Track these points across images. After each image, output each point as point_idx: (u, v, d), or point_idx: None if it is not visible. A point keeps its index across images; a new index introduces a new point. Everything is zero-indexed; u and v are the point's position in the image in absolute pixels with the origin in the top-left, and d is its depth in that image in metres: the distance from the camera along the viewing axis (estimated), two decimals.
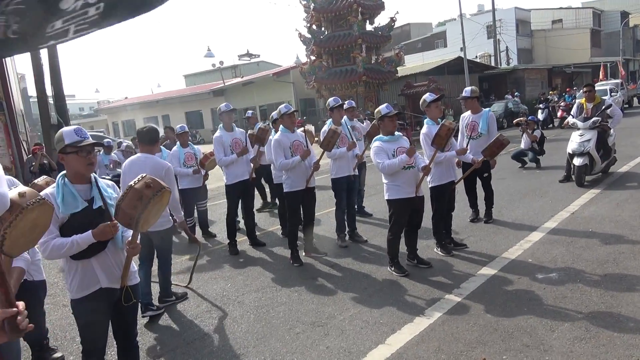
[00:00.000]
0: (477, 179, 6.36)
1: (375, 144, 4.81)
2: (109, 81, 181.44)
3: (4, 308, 1.43)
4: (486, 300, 4.01)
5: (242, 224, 6.91)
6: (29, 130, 20.69)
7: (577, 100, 9.40)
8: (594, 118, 7.87)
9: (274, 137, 5.53)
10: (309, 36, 22.32)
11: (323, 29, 22.60)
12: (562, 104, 20.97)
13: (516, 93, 26.81)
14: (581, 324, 3.42)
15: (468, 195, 6.55)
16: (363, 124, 7.19)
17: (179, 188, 6.93)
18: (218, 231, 7.43)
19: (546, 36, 43.91)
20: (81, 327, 2.70)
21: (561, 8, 47.47)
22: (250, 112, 9.77)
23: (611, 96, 20.18)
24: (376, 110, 4.95)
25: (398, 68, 23.54)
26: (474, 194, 6.55)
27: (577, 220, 6.05)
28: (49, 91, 12.47)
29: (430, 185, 5.36)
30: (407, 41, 47.02)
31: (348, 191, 6.10)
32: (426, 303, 4.09)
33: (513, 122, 14.88)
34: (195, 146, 7.28)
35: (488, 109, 6.43)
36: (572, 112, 8.42)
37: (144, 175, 2.58)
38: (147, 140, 4.41)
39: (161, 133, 8.24)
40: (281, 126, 5.54)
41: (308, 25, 22.42)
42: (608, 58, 37.04)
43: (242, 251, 6.29)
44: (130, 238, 2.58)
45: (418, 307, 4.01)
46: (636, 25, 48.55)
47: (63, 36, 1.52)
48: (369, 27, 22.46)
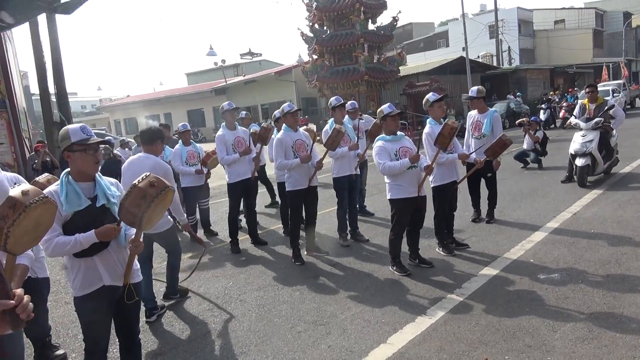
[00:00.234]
0: (481, 179, 6.36)
1: (377, 144, 4.80)
2: (111, 79, 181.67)
3: (2, 300, 1.43)
4: (488, 300, 4.01)
5: (244, 223, 6.92)
6: (32, 127, 20.69)
7: (580, 100, 9.37)
8: (597, 119, 7.86)
9: (277, 136, 5.53)
10: (311, 35, 22.33)
11: (325, 28, 22.60)
12: (565, 105, 20.93)
13: (518, 93, 26.76)
14: (583, 325, 3.42)
15: (471, 195, 6.54)
16: (362, 119, 7.14)
17: (181, 186, 6.96)
18: (220, 230, 7.44)
19: (548, 36, 43.81)
20: (84, 325, 2.71)
21: (564, 8, 47.36)
22: (244, 113, 9.32)
23: (613, 97, 20.14)
24: (379, 109, 4.95)
25: (400, 67, 23.56)
26: (478, 194, 6.54)
27: (579, 220, 6.04)
28: (52, 89, 12.48)
29: (432, 184, 5.35)
30: (409, 41, 46.99)
31: (350, 190, 6.10)
32: (428, 303, 4.09)
33: (515, 123, 14.86)
34: (197, 144, 7.29)
35: (494, 110, 6.36)
36: (575, 113, 8.42)
37: (148, 174, 2.58)
38: (146, 139, 4.41)
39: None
40: (284, 125, 5.54)
41: (310, 24, 22.43)
42: (610, 59, 36.95)
43: (244, 250, 6.30)
44: (133, 236, 2.58)
45: (420, 307, 4.01)
46: (639, 25, 48.40)
47: None
48: (371, 27, 22.46)
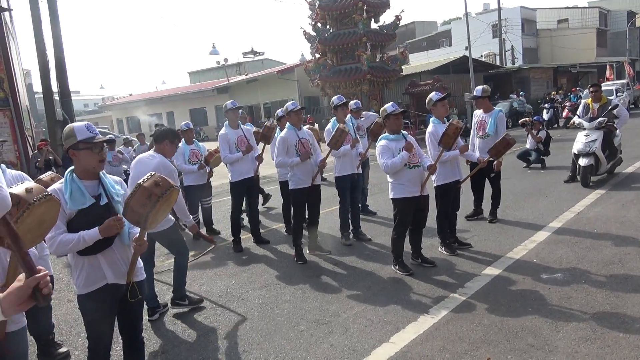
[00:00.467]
0: (486, 179, 6.35)
1: (380, 143, 4.79)
2: (114, 78, 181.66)
3: (30, 275, 1.49)
4: (491, 299, 4.00)
5: (247, 222, 6.92)
6: (34, 126, 20.77)
7: (583, 100, 9.34)
8: (600, 118, 7.84)
9: (280, 134, 5.53)
10: (314, 34, 22.28)
11: (328, 27, 22.56)
12: (568, 104, 20.87)
13: (521, 92, 26.69)
14: (586, 325, 3.41)
15: (474, 193, 6.53)
16: (362, 118, 7.13)
17: (184, 185, 6.96)
18: (222, 228, 7.45)
19: (552, 35, 43.65)
20: (87, 323, 2.72)
21: (567, 7, 47.18)
22: (239, 112, 9.28)
23: (617, 96, 20.08)
24: (382, 108, 4.94)
25: (403, 67, 23.49)
26: (481, 194, 6.53)
27: (582, 220, 6.03)
28: (55, 87, 12.51)
29: (435, 184, 5.34)
30: (412, 40, 46.85)
31: (352, 189, 6.10)
32: (430, 302, 4.09)
33: (518, 123, 14.83)
34: (199, 143, 7.30)
35: (499, 109, 6.32)
36: (578, 112, 8.40)
37: (153, 173, 2.60)
38: (155, 138, 4.46)
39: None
40: (288, 123, 5.55)
41: (313, 23, 22.38)
42: (614, 58, 36.79)
43: (246, 248, 6.31)
44: (137, 235, 2.59)
45: (422, 306, 4.01)
46: None
47: None
48: (374, 26, 22.41)
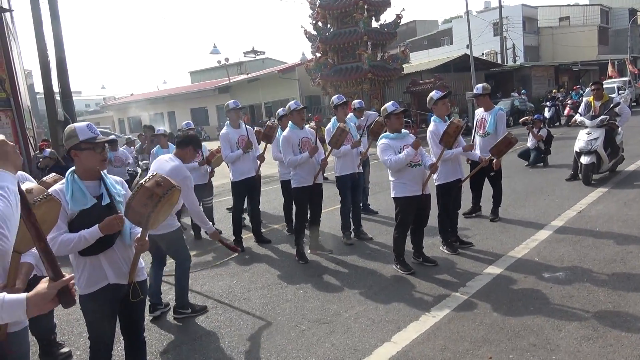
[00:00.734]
0: (485, 178, 6.34)
1: (381, 141, 4.79)
2: (115, 78, 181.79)
3: (56, 279, 1.51)
4: (492, 298, 4.00)
5: (248, 221, 6.92)
6: (36, 126, 20.79)
7: (585, 98, 9.32)
8: (602, 116, 7.82)
9: (283, 134, 5.53)
10: (315, 33, 22.28)
11: (329, 26, 22.56)
12: (569, 102, 20.83)
13: (522, 91, 26.63)
14: (588, 324, 3.40)
15: (473, 192, 6.53)
16: (362, 117, 7.14)
17: None
18: (223, 228, 7.45)
19: (553, 33, 43.54)
20: (89, 323, 2.72)
21: (568, 5, 47.05)
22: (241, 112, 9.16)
23: (619, 94, 20.02)
24: (382, 107, 4.94)
25: (404, 65, 23.47)
26: (479, 193, 6.53)
27: (584, 219, 6.01)
28: (56, 87, 12.52)
29: (436, 183, 5.34)
30: (413, 38, 46.82)
31: (353, 189, 6.10)
32: (432, 301, 4.08)
33: (519, 121, 14.80)
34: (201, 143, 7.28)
35: (499, 107, 6.30)
36: (580, 110, 8.38)
37: (155, 173, 2.61)
38: (180, 142, 4.30)
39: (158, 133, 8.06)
40: (290, 122, 5.55)
41: (314, 22, 22.38)
42: (615, 55, 36.67)
43: (248, 248, 6.31)
44: (139, 235, 2.59)
45: (424, 305, 4.01)
46: None
47: None
48: (375, 24, 22.40)
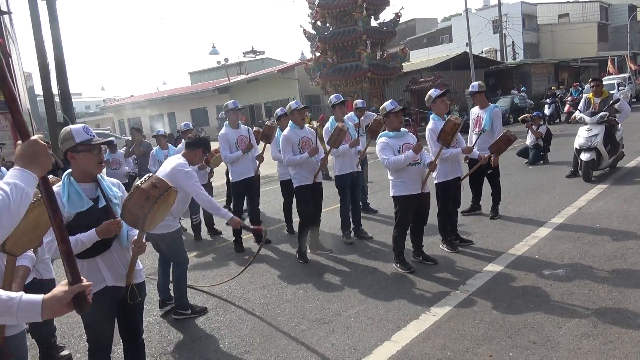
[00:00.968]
0: (484, 176, 6.32)
1: (380, 140, 4.78)
2: (115, 79, 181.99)
3: (74, 283, 1.48)
4: (492, 296, 3.99)
5: (248, 222, 6.91)
6: (36, 129, 20.80)
7: (585, 94, 9.30)
8: (602, 113, 7.80)
9: (283, 133, 5.54)
10: (314, 32, 22.26)
11: (328, 25, 22.53)
12: (569, 99, 20.80)
13: (522, 88, 26.60)
14: (588, 321, 3.39)
15: (472, 190, 6.53)
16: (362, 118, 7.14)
17: None
18: (223, 229, 7.44)
19: (553, 30, 43.50)
20: (87, 325, 2.71)
21: (568, 2, 46.95)
22: (222, 113, 9.12)
23: (619, 90, 20.00)
24: (381, 106, 4.93)
25: (403, 64, 23.42)
26: (478, 191, 6.52)
27: (584, 215, 6.00)
28: (55, 90, 12.53)
29: (435, 181, 5.33)
30: (412, 37, 46.77)
31: (352, 187, 6.09)
32: (432, 300, 4.08)
33: (519, 119, 14.78)
34: None
35: (494, 105, 6.33)
36: (580, 107, 8.36)
37: (151, 174, 2.61)
38: (191, 143, 4.26)
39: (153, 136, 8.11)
40: (290, 122, 5.56)
41: (312, 21, 22.35)
42: (615, 52, 36.62)
43: (248, 248, 6.31)
44: (136, 237, 2.59)
45: (424, 304, 4.00)
46: None
47: None
48: (374, 23, 22.37)
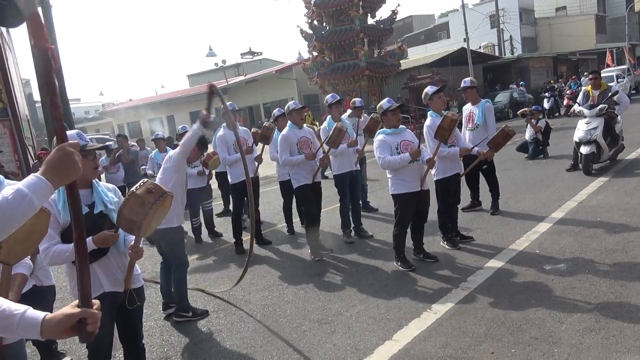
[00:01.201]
0: (479, 172, 6.31)
1: (378, 137, 4.76)
2: (114, 84, 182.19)
3: (83, 304, 1.39)
4: (494, 293, 3.97)
5: (248, 223, 6.91)
6: (36, 135, 20.82)
7: (583, 87, 9.27)
8: (601, 105, 7.78)
9: (282, 133, 5.54)
10: (311, 32, 22.24)
11: (324, 24, 22.50)
12: (568, 92, 20.76)
13: (521, 82, 26.57)
14: (590, 315, 3.37)
15: (469, 187, 6.52)
16: (361, 119, 7.14)
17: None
18: (224, 230, 7.44)
19: (550, 24, 43.38)
20: None
21: None
22: (212, 117, 9.14)
23: (618, 82, 19.95)
24: (378, 105, 4.92)
25: (401, 61, 23.44)
26: (475, 187, 6.52)
27: (585, 209, 5.98)
28: None
29: (435, 178, 5.31)
30: (410, 33, 46.70)
31: (352, 186, 6.08)
32: (433, 297, 4.06)
33: (518, 113, 14.75)
34: None
35: (485, 100, 6.36)
36: (578, 100, 8.33)
37: (146, 180, 2.60)
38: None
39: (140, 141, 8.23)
40: (289, 122, 5.56)
41: (309, 21, 22.33)
42: (613, 44, 36.53)
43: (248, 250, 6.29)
44: (132, 242, 2.58)
45: (425, 302, 3.99)
46: None
47: None
48: (371, 21, 22.35)
